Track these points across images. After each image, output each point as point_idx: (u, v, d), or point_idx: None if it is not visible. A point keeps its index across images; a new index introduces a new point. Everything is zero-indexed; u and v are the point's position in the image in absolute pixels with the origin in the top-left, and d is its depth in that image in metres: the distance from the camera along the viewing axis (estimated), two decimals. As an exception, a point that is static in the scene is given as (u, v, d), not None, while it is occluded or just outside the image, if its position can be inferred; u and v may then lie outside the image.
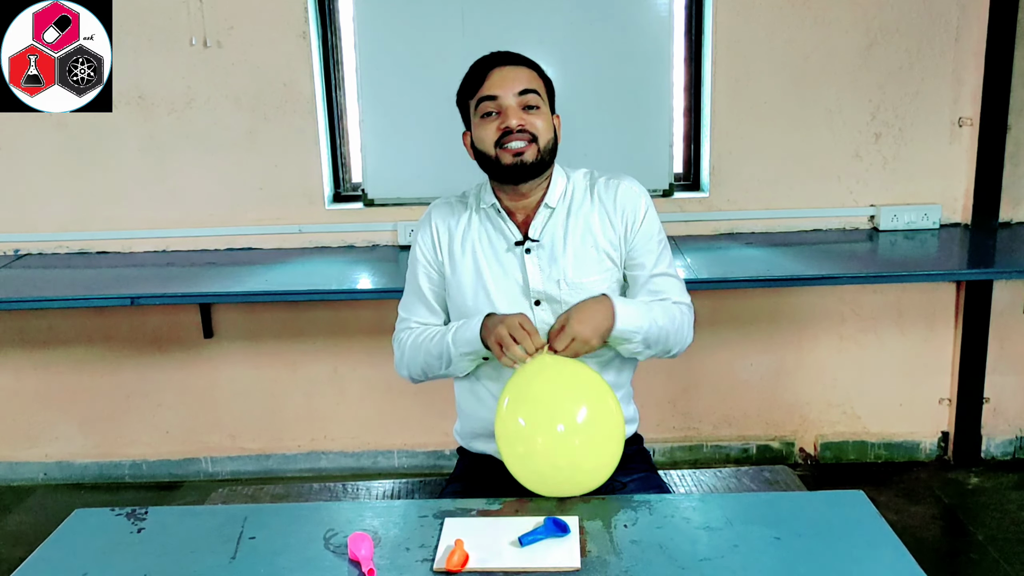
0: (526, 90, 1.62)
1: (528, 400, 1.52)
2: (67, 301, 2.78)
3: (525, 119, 1.62)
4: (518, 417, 1.51)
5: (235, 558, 1.38)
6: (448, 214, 1.75)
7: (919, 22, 2.97)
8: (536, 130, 1.63)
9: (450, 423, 1.91)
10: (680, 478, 2.06)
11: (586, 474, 1.52)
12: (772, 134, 3.06)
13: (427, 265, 1.75)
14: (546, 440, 1.49)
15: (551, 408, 1.51)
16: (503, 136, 1.61)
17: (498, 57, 1.66)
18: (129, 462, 3.33)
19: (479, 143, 1.66)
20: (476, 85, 1.64)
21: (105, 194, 3.12)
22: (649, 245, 1.71)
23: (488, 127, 1.63)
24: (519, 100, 1.62)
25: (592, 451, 1.51)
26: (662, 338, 1.66)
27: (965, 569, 2.59)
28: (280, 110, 3.05)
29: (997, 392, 3.20)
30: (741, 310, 3.16)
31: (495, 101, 1.62)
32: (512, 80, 1.63)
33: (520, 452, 1.51)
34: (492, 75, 1.63)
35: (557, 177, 1.72)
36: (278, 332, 3.22)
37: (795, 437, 3.29)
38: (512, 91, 1.62)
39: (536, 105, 1.64)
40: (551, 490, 1.52)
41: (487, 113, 1.63)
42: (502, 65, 1.64)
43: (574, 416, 1.50)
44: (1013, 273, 2.93)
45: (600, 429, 1.52)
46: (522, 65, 1.66)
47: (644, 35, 2.99)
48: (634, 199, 1.70)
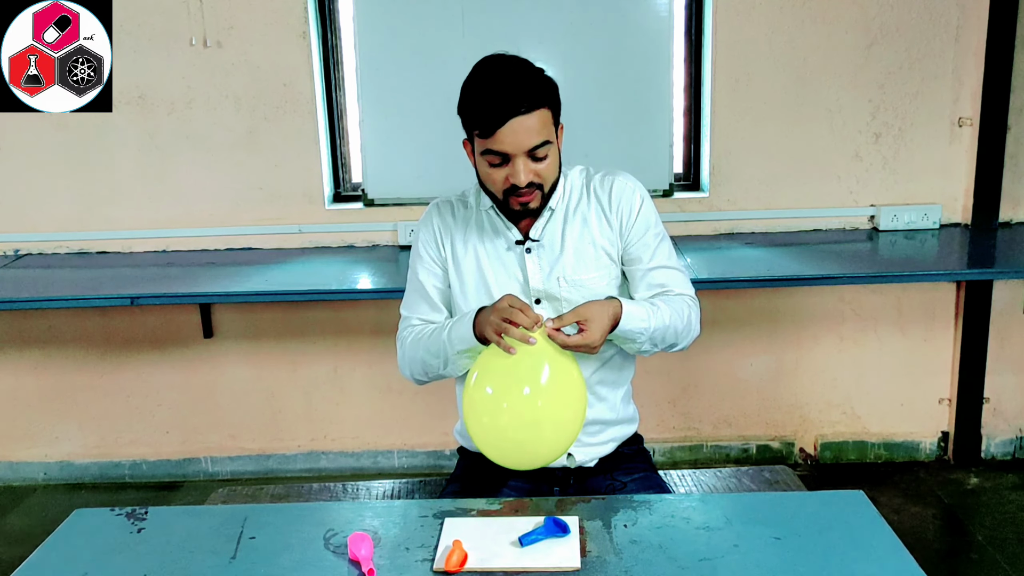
0: (538, 145, 1.56)
1: (494, 371, 1.51)
2: (67, 301, 2.78)
3: (534, 171, 1.58)
4: (486, 387, 1.50)
5: (235, 558, 1.38)
6: (449, 214, 1.75)
7: (919, 22, 2.97)
8: (543, 179, 1.60)
9: (450, 423, 1.91)
10: (680, 478, 2.06)
11: (551, 436, 1.51)
12: (772, 134, 3.06)
13: (431, 262, 1.75)
14: (512, 404, 1.48)
15: (516, 375, 1.49)
16: (511, 187, 1.59)
17: (513, 100, 1.52)
18: (129, 462, 3.33)
19: (484, 178, 1.63)
20: (485, 131, 1.55)
21: (105, 194, 3.12)
22: (645, 239, 1.69)
23: (495, 174, 1.59)
24: (529, 155, 1.56)
25: (555, 413, 1.50)
26: (669, 335, 1.64)
27: (965, 569, 2.59)
28: (280, 110, 3.05)
29: (997, 392, 3.21)
30: (741, 310, 3.16)
31: (503, 155, 1.56)
32: (524, 137, 1.54)
33: (486, 422, 1.50)
34: (504, 130, 1.52)
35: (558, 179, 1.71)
36: (278, 332, 3.22)
37: (795, 437, 3.29)
38: (524, 149, 1.55)
39: (545, 155, 1.58)
40: (517, 458, 1.53)
41: (495, 163, 1.58)
42: (517, 115, 1.52)
43: (537, 379, 1.48)
44: (1013, 273, 2.93)
45: (562, 392, 1.51)
46: (535, 110, 1.54)
47: (644, 35, 2.99)
48: (629, 194, 1.70)
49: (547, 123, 1.57)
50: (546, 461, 1.55)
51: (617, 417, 1.77)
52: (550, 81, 1.61)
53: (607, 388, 1.75)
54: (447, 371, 1.69)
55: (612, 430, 1.77)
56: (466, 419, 1.53)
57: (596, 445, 1.76)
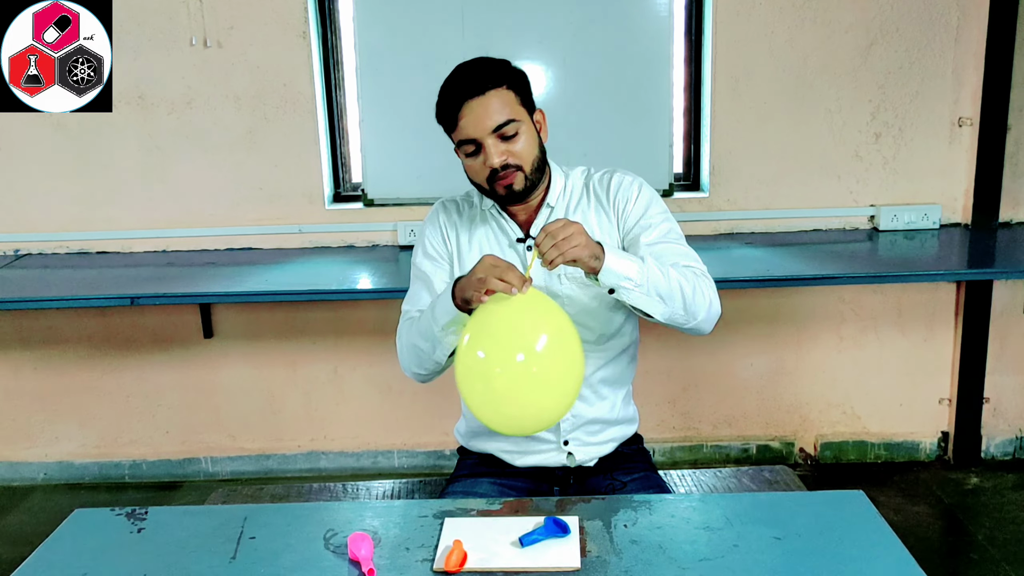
0: (501, 124, 1.58)
1: (488, 334, 1.46)
2: (67, 301, 2.77)
3: (506, 151, 1.60)
4: (477, 351, 1.45)
5: (235, 558, 1.38)
6: (455, 211, 1.78)
7: (919, 22, 2.97)
8: (520, 158, 1.61)
9: (450, 423, 1.91)
10: (680, 478, 2.06)
11: (549, 400, 1.46)
12: (772, 134, 3.06)
13: (437, 256, 1.75)
14: (505, 369, 1.42)
15: (511, 339, 1.44)
16: (491, 173, 1.61)
17: (464, 88, 1.58)
18: (129, 462, 3.33)
19: (471, 175, 1.66)
20: (450, 125, 1.61)
21: (105, 194, 3.12)
22: (644, 220, 1.67)
23: (474, 165, 1.63)
24: (496, 136, 1.59)
25: (552, 380, 1.44)
26: (675, 293, 1.53)
27: (965, 569, 2.59)
28: (280, 110, 3.05)
29: (997, 392, 3.21)
30: (741, 310, 3.16)
31: (473, 142, 1.60)
32: (483, 117, 1.57)
33: (480, 388, 1.45)
34: (463, 114, 1.58)
35: (555, 176, 1.72)
36: (278, 332, 3.22)
37: (795, 437, 3.29)
38: (487, 129, 1.57)
39: (514, 133, 1.59)
40: (513, 423, 1.48)
41: (469, 153, 1.62)
42: (469, 98, 1.57)
43: (533, 345, 1.43)
44: (1013, 273, 2.93)
45: (560, 359, 1.45)
46: (489, 89, 1.58)
47: (644, 35, 2.99)
48: (627, 185, 1.70)
49: (509, 103, 1.59)
50: (546, 426, 1.51)
51: (617, 417, 1.77)
52: (512, 68, 1.64)
53: (608, 387, 1.75)
54: (437, 355, 1.63)
55: (612, 430, 1.78)
56: (460, 384, 1.48)
57: (596, 445, 1.76)
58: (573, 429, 1.73)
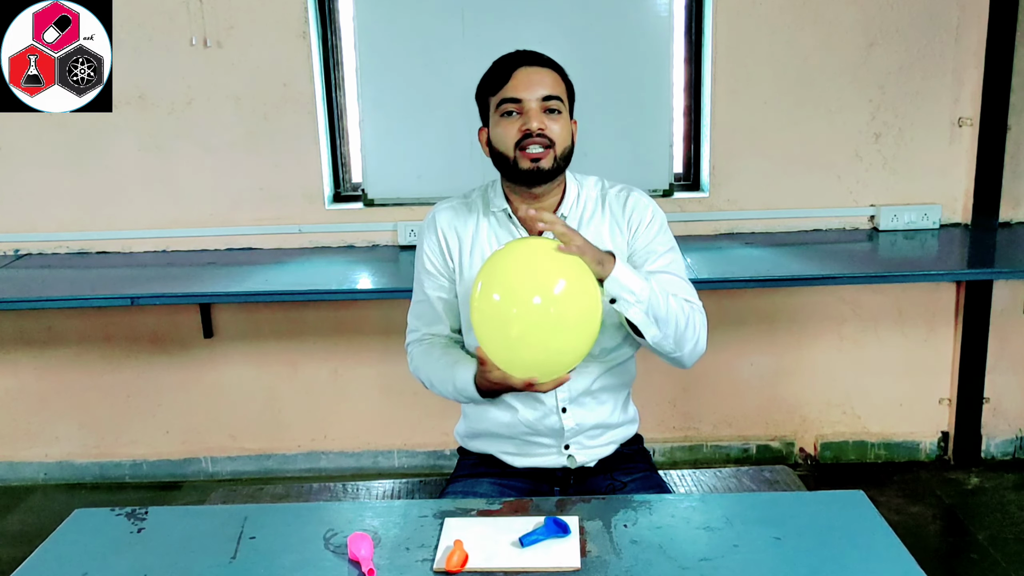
0: (550, 96, 1.61)
1: (501, 279, 1.47)
2: (67, 301, 2.78)
3: (546, 124, 1.60)
4: (493, 294, 1.45)
5: (235, 558, 1.38)
6: (454, 218, 1.73)
7: (919, 22, 2.97)
8: (555, 136, 1.61)
9: (450, 423, 1.91)
10: (680, 478, 2.06)
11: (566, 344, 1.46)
12: (772, 134, 3.06)
13: (436, 275, 1.73)
14: (521, 309, 1.43)
15: (527, 281, 1.44)
16: (523, 138, 1.60)
17: (524, 56, 1.64)
18: (129, 462, 3.33)
19: (497, 142, 1.64)
20: (499, 83, 1.62)
21: (105, 194, 3.12)
22: (651, 245, 1.69)
23: (509, 127, 1.61)
24: (542, 104, 1.60)
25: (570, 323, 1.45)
26: (670, 320, 1.56)
27: (965, 569, 2.59)
28: (280, 110, 3.05)
29: (997, 392, 3.21)
30: (741, 310, 3.16)
31: (518, 103, 1.60)
32: (537, 83, 1.60)
33: (495, 330, 1.46)
34: (517, 75, 1.61)
35: (570, 184, 1.71)
36: (278, 332, 3.22)
37: (795, 437, 3.29)
38: (536, 95, 1.60)
39: (558, 110, 1.62)
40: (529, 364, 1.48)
41: (508, 113, 1.62)
42: (528, 65, 1.62)
43: (550, 289, 1.43)
44: (1013, 273, 2.93)
45: (577, 303, 1.45)
46: (548, 67, 1.64)
47: (644, 35, 3.00)
48: (642, 207, 1.70)
49: (560, 85, 1.64)
50: (564, 369, 1.51)
51: (618, 420, 1.77)
52: (566, 72, 1.69)
53: (609, 393, 1.75)
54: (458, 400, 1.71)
55: (613, 432, 1.77)
56: (476, 329, 1.49)
57: (597, 447, 1.76)
58: (574, 435, 1.73)
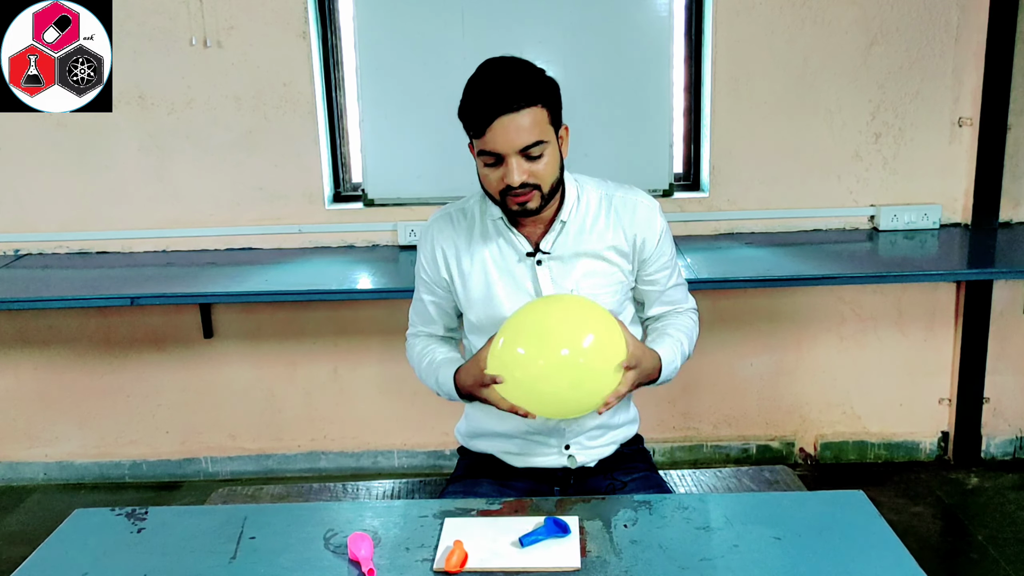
0: (530, 144, 1.53)
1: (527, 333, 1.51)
2: (67, 301, 2.77)
3: (528, 171, 1.55)
4: (517, 348, 1.49)
5: (235, 558, 1.38)
6: (450, 229, 1.71)
7: (919, 22, 2.97)
8: (539, 179, 1.56)
9: (450, 423, 1.91)
10: (680, 478, 2.06)
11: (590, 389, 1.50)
12: (772, 134, 3.06)
13: (429, 283, 1.75)
14: (548, 362, 1.47)
15: (553, 335, 1.49)
16: (507, 188, 1.56)
17: (499, 102, 1.51)
18: (129, 462, 3.33)
19: (483, 182, 1.61)
20: (476, 133, 1.55)
21: (105, 194, 3.12)
22: (664, 261, 1.73)
23: (492, 174, 1.57)
24: (522, 155, 1.54)
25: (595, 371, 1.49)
26: (679, 366, 1.72)
27: (965, 569, 2.59)
28: (280, 110, 3.05)
29: (997, 392, 3.20)
30: (741, 310, 3.16)
31: (497, 155, 1.55)
32: (514, 135, 1.51)
33: (518, 376, 1.49)
34: (494, 128, 1.51)
35: (569, 189, 1.68)
36: (278, 332, 3.22)
37: (795, 437, 3.29)
38: (515, 148, 1.52)
39: (540, 154, 1.55)
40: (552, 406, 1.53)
41: (489, 163, 1.57)
42: (502, 114, 1.50)
43: (579, 342, 1.48)
44: (1013, 273, 2.93)
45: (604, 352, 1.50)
46: (524, 108, 1.51)
47: (644, 35, 2.99)
48: (652, 220, 1.69)
49: (541, 122, 1.54)
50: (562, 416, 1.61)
51: (619, 420, 1.77)
52: (548, 81, 1.58)
53: None
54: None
55: (613, 432, 1.77)
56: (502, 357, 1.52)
57: (597, 447, 1.76)
58: (575, 436, 1.73)
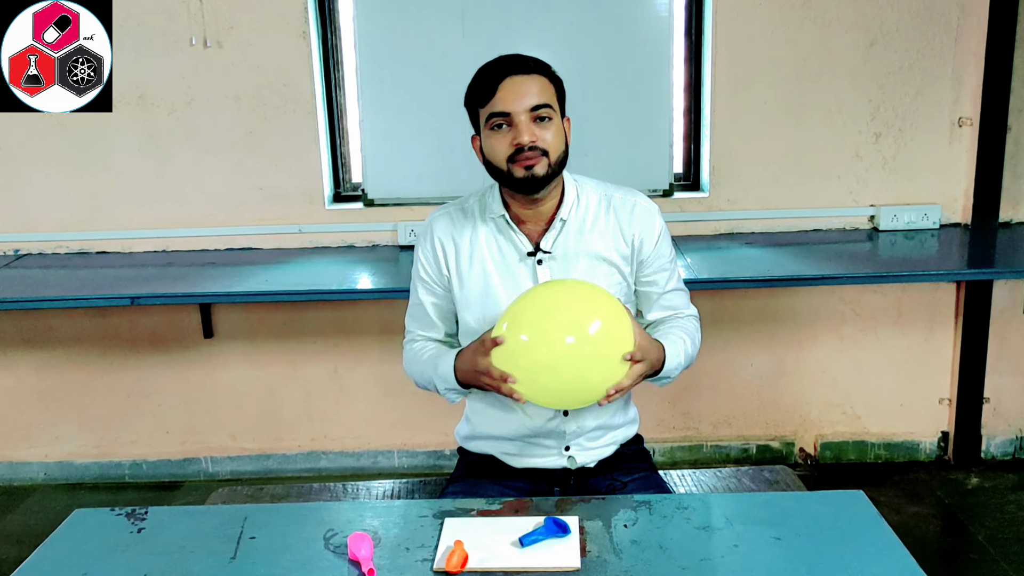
0: (539, 105, 1.58)
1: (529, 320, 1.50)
2: (67, 301, 2.77)
3: (537, 134, 1.58)
4: (520, 335, 1.47)
5: (235, 558, 1.38)
6: (451, 227, 1.72)
7: (919, 22, 2.97)
8: (548, 145, 1.59)
9: (450, 423, 1.91)
10: (680, 478, 2.06)
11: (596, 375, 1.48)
12: (772, 134, 3.06)
13: (430, 283, 1.73)
14: (552, 348, 1.45)
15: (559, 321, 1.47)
16: (516, 152, 1.58)
17: (509, 65, 1.60)
18: (129, 462, 3.33)
19: (490, 154, 1.63)
20: (486, 96, 1.59)
21: (105, 194, 3.12)
22: (662, 263, 1.72)
23: (500, 141, 1.59)
24: (531, 115, 1.57)
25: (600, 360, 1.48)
26: (682, 368, 1.70)
27: (965, 569, 2.59)
28: (280, 110, 3.05)
29: (997, 392, 3.20)
30: (741, 310, 3.16)
31: (507, 116, 1.58)
32: (524, 94, 1.57)
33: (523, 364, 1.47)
34: (503, 87, 1.57)
35: (568, 188, 1.69)
36: (278, 332, 3.22)
37: (795, 437, 3.29)
38: (525, 106, 1.57)
39: (548, 117, 1.59)
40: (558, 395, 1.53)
41: (497, 126, 1.59)
42: (513, 75, 1.58)
43: (585, 329, 1.46)
44: (1013, 273, 2.93)
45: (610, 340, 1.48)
46: (534, 73, 1.60)
47: (644, 35, 3.00)
48: (650, 220, 1.70)
49: (548, 90, 1.61)
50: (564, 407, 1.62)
51: (619, 421, 1.77)
52: (553, 70, 1.66)
53: None
54: (445, 396, 1.72)
55: (613, 433, 1.77)
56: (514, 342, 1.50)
57: (597, 448, 1.76)
58: (575, 437, 1.73)
